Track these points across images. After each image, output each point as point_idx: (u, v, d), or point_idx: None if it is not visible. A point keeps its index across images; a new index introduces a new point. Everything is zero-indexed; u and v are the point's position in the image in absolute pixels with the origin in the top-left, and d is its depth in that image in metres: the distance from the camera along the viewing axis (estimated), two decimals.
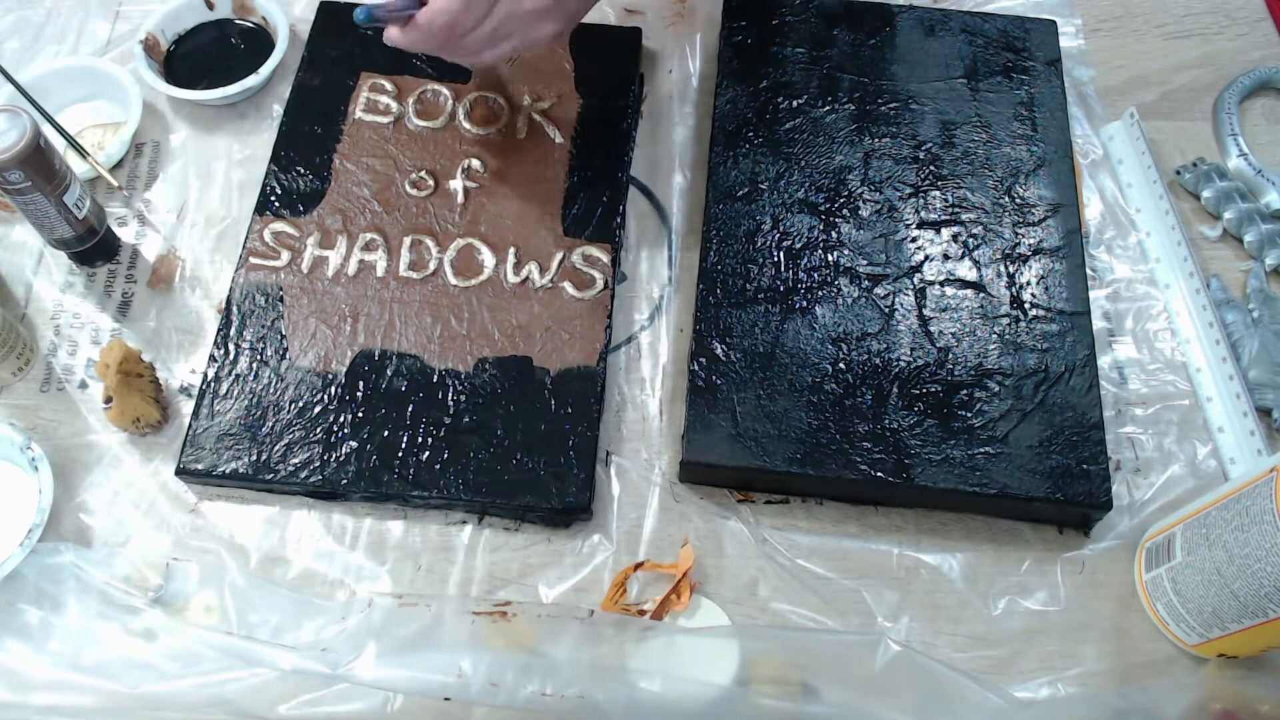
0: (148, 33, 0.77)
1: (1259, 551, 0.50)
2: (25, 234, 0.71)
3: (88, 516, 0.61)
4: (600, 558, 0.60)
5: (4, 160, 0.59)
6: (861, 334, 0.63)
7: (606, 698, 0.53)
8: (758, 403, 0.61)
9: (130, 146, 0.74)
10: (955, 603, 0.59)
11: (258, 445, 0.61)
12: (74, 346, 0.67)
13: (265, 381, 0.63)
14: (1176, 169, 0.74)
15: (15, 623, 0.56)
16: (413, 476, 0.60)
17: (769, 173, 0.69)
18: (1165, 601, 0.57)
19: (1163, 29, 0.82)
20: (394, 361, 0.64)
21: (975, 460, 0.59)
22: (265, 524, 0.61)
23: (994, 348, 0.63)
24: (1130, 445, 0.64)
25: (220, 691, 0.55)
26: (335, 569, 0.60)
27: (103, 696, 0.55)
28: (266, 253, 0.68)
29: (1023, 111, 0.72)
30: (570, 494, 0.60)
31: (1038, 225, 0.67)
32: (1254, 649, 0.55)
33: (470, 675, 0.53)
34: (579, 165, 0.71)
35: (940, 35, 0.75)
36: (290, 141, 0.72)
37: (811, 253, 0.66)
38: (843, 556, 0.60)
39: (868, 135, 0.71)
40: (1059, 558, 0.60)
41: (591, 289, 0.66)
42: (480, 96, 0.74)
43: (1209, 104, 0.77)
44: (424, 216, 0.69)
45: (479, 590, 0.59)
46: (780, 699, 0.54)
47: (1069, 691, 0.56)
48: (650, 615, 0.57)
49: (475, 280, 0.67)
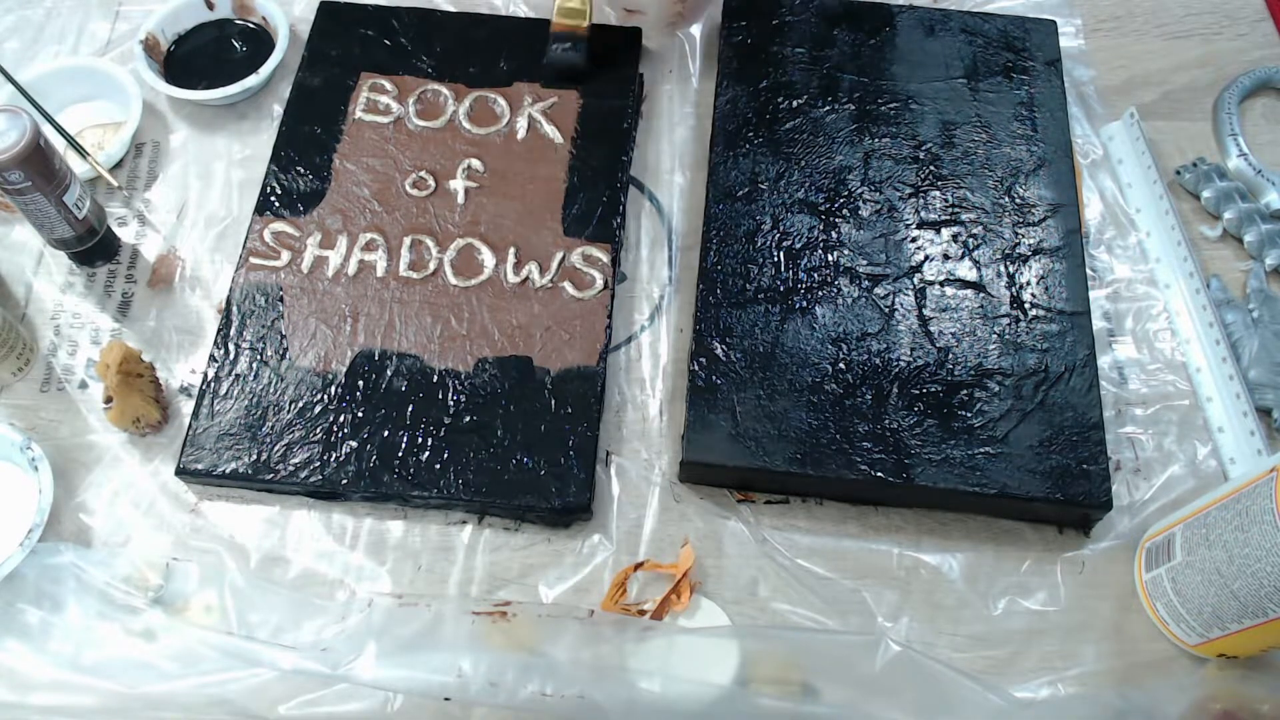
0: (148, 33, 0.77)
1: (1259, 551, 0.50)
2: (25, 234, 0.71)
3: (88, 516, 0.61)
4: (600, 558, 0.60)
5: (4, 160, 0.59)
6: (861, 334, 0.63)
7: (606, 698, 0.53)
8: (758, 403, 0.61)
9: (130, 146, 0.74)
10: (955, 603, 0.59)
11: (258, 445, 0.61)
12: (74, 346, 0.67)
13: (265, 381, 0.63)
14: (1176, 169, 0.74)
15: (15, 623, 0.56)
16: (413, 476, 0.60)
17: (769, 173, 0.69)
18: (1165, 601, 0.57)
19: (1163, 29, 0.82)
20: (394, 361, 0.64)
21: (975, 460, 0.59)
22: (265, 524, 0.61)
23: (994, 348, 0.63)
24: (1130, 445, 0.64)
25: (220, 691, 0.55)
26: (335, 569, 0.60)
27: (103, 696, 0.55)
28: (266, 253, 0.68)
29: (1023, 111, 0.72)
30: (570, 494, 0.60)
31: (1038, 225, 0.67)
32: (1254, 649, 0.55)
33: (470, 675, 0.53)
34: (579, 165, 0.71)
35: (940, 35, 0.75)
36: (290, 141, 0.72)
37: (811, 253, 0.66)
38: (843, 556, 0.60)
39: (868, 135, 0.71)
40: (1059, 558, 0.60)
41: (591, 289, 0.66)
42: (480, 96, 0.74)
43: (1209, 104, 0.77)
44: (424, 216, 0.69)
45: (479, 590, 0.59)
46: (780, 699, 0.54)
47: (1069, 691, 0.56)
48: (650, 615, 0.57)
49: (475, 280, 0.67)
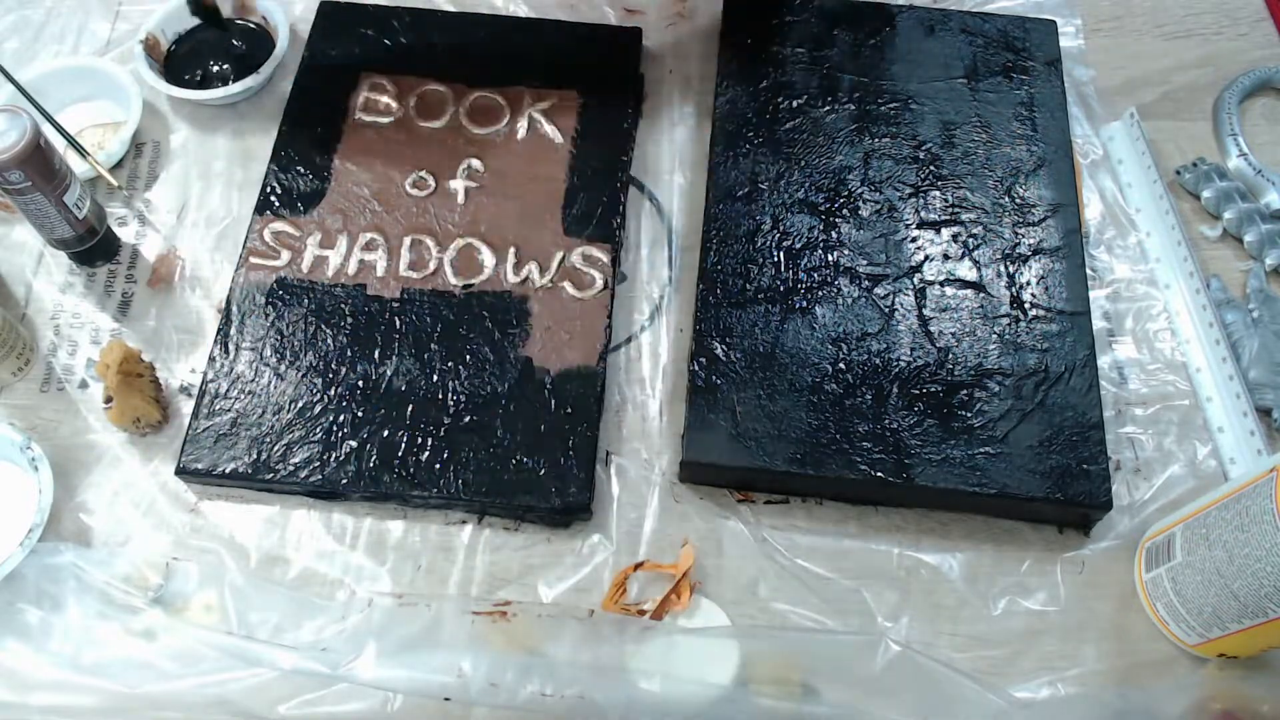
0: (148, 33, 0.77)
1: (1259, 551, 0.50)
2: (25, 234, 0.71)
3: (88, 516, 0.61)
4: (600, 558, 0.60)
5: (4, 160, 0.59)
6: (861, 334, 0.63)
7: (606, 698, 0.53)
8: (758, 403, 0.61)
9: (130, 146, 0.74)
10: (955, 603, 0.59)
11: (258, 445, 0.61)
12: (74, 346, 0.67)
13: (265, 381, 0.63)
14: (1176, 169, 0.74)
15: (15, 623, 0.56)
16: (413, 476, 0.60)
17: (769, 173, 0.69)
18: (1165, 601, 0.57)
19: (1163, 29, 0.82)
20: (394, 361, 0.64)
21: (975, 460, 0.59)
22: (265, 524, 0.61)
23: (994, 348, 0.63)
24: (1130, 445, 0.64)
25: (220, 691, 0.55)
26: (335, 569, 0.60)
27: (103, 696, 0.55)
28: (266, 252, 0.68)
29: (1023, 111, 0.72)
30: (570, 494, 0.60)
31: (1038, 225, 0.67)
32: (1254, 649, 0.55)
33: (470, 675, 0.53)
34: (579, 165, 0.71)
35: (940, 35, 0.75)
36: (290, 141, 0.72)
37: (811, 253, 0.66)
38: (843, 556, 0.60)
39: (868, 135, 0.71)
40: (1059, 558, 0.60)
41: (591, 289, 0.66)
42: (480, 96, 0.74)
43: (1209, 104, 0.77)
44: (424, 216, 0.69)
45: (479, 590, 0.59)
46: (780, 699, 0.54)
47: (1069, 691, 0.56)
48: (650, 615, 0.57)
49: (475, 280, 0.67)
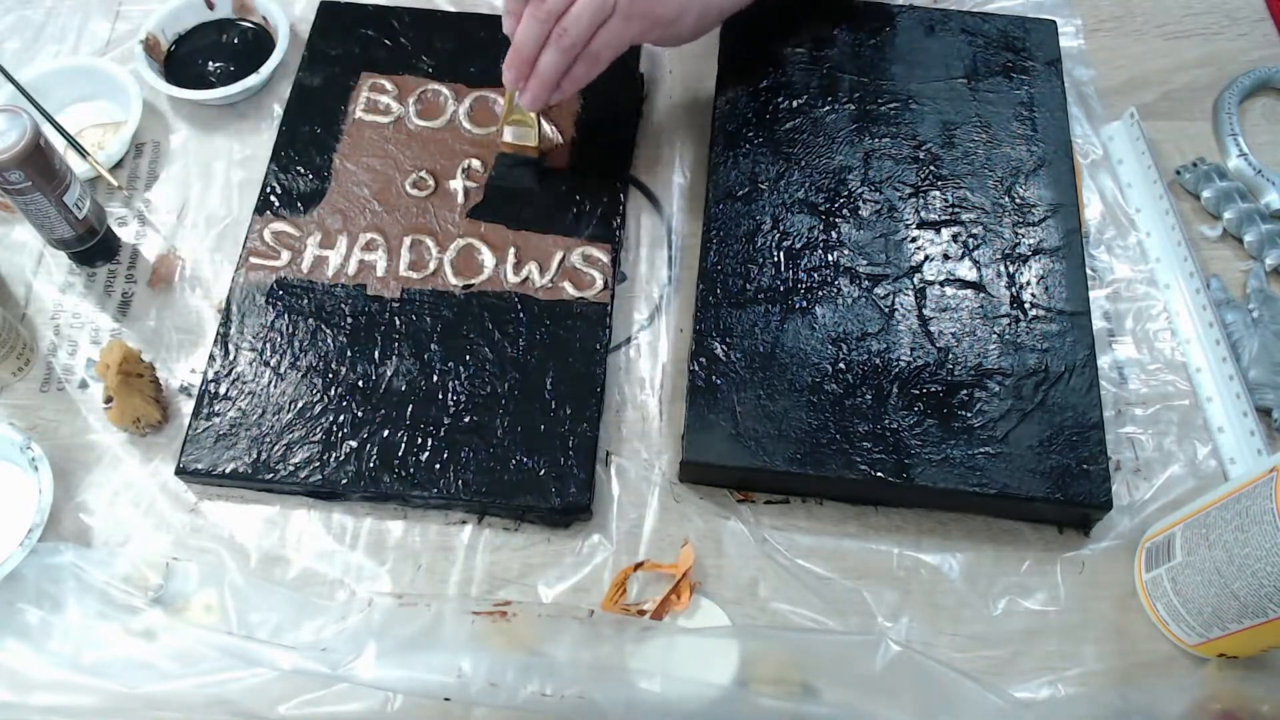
0: (148, 33, 0.77)
1: (1259, 551, 0.50)
2: (25, 234, 0.71)
3: (88, 516, 0.61)
4: (600, 558, 0.60)
5: (4, 160, 0.59)
6: (861, 334, 0.63)
7: (606, 698, 0.53)
8: (758, 403, 0.61)
9: (130, 146, 0.74)
10: (955, 603, 0.59)
11: (258, 445, 0.61)
12: (74, 346, 0.67)
13: (265, 381, 0.63)
14: (1176, 169, 0.74)
15: (15, 623, 0.56)
16: (412, 476, 0.60)
17: (769, 173, 0.69)
18: (1165, 601, 0.57)
19: (1163, 29, 0.82)
20: (394, 361, 0.64)
21: (975, 460, 0.59)
22: (265, 524, 0.61)
23: (994, 348, 0.63)
24: (1130, 445, 0.64)
25: (220, 691, 0.55)
26: (335, 569, 0.60)
27: (103, 696, 0.55)
28: (266, 252, 0.68)
29: (1023, 111, 0.72)
30: (570, 494, 0.60)
31: (1038, 225, 0.67)
32: (1254, 649, 0.55)
33: (470, 675, 0.53)
34: (579, 165, 0.71)
35: (940, 35, 0.75)
36: (290, 141, 0.72)
37: (811, 253, 0.66)
38: (843, 556, 0.60)
39: (868, 135, 0.71)
40: (1059, 558, 0.60)
41: (591, 289, 0.66)
42: (480, 96, 0.74)
43: (1209, 104, 0.77)
44: (424, 216, 0.69)
45: (479, 590, 0.59)
46: (780, 699, 0.54)
47: (1069, 691, 0.56)
48: (650, 615, 0.57)
49: (475, 280, 0.67)
